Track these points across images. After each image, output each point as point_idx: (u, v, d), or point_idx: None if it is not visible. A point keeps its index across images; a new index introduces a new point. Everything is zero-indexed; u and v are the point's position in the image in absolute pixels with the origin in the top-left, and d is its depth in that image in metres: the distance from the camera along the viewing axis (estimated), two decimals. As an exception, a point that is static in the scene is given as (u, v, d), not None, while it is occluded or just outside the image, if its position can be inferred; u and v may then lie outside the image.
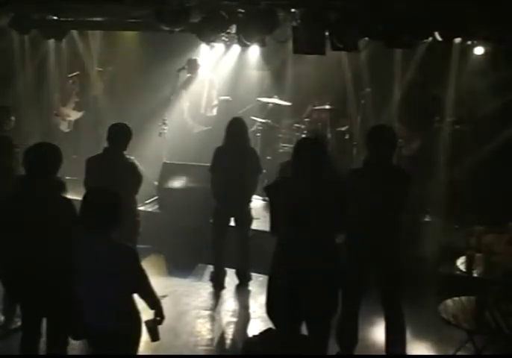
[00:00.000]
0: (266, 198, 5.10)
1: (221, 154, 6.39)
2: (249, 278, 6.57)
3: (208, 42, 7.36)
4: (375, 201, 4.55)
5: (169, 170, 7.73)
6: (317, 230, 4.19)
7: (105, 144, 5.50)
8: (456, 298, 4.75)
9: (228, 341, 5.53)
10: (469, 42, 6.96)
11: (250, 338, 3.14)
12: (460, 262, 5.12)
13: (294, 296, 4.09)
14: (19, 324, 5.17)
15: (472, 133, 7.94)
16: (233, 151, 6.31)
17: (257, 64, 9.01)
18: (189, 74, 8.44)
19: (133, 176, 5.51)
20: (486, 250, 5.09)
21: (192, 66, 8.35)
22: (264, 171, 6.82)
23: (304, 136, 7.97)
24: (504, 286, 4.68)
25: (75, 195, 4.60)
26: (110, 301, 3.60)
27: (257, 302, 5.91)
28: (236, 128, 6.34)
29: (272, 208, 4.34)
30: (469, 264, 5.00)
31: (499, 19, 5.12)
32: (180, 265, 6.94)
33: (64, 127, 9.07)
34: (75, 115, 9.11)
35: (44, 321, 4.29)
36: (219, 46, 8.49)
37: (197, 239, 6.80)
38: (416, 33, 5.47)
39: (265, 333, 3.23)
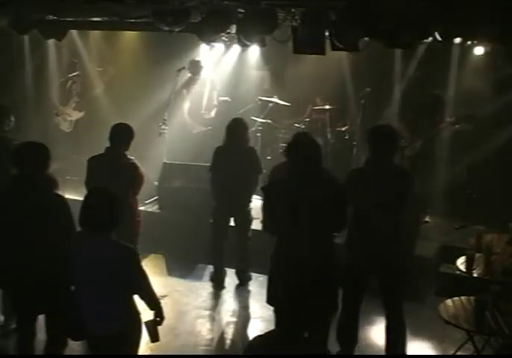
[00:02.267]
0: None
1: (221, 153, 6.39)
2: (249, 278, 6.57)
3: (208, 42, 7.35)
4: (376, 200, 4.56)
5: (169, 170, 7.73)
6: (316, 229, 4.20)
7: (107, 144, 5.51)
8: (456, 298, 4.75)
9: (228, 341, 5.54)
10: (469, 42, 6.95)
11: (252, 340, 3.14)
12: (460, 262, 5.13)
13: (293, 296, 4.08)
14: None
15: (472, 133, 7.94)
16: (233, 151, 6.31)
17: (257, 64, 9.00)
18: (189, 75, 8.43)
19: (135, 176, 5.52)
20: (486, 250, 5.09)
21: (195, 67, 8.34)
22: (264, 171, 6.82)
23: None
24: (504, 286, 4.68)
25: (75, 195, 4.61)
26: (110, 302, 3.60)
27: (257, 302, 5.92)
28: (236, 128, 6.34)
29: (270, 208, 4.33)
30: (469, 264, 5.00)
31: (499, 19, 5.11)
32: (180, 265, 6.94)
33: (65, 127, 9.07)
34: (75, 115, 9.11)
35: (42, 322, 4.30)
36: (219, 46, 8.48)
37: (197, 239, 6.80)
38: (416, 33, 5.46)
39: (267, 335, 3.24)
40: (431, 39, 5.76)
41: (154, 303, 3.77)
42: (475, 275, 4.96)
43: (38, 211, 4.03)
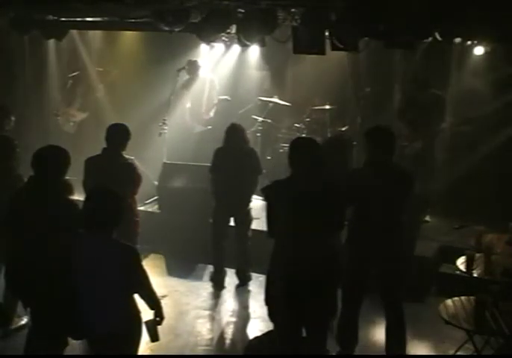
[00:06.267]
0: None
1: (221, 154, 6.40)
2: (249, 278, 6.57)
3: (208, 42, 7.36)
4: (376, 201, 4.55)
5: (169, 170, 7.73)
6: (315, 230, 4.19)
7: (105, 144, 5.51)
8: (456, 298, 4.75)
9: (228, 341, 5.54)
10: (469, 42, 6.96)
11: (251, 340, 3.15)
12: (460, 262, 5.12)
13: (292, 297, 4.08)
14: (20, 323, 5.21)
15: (472, 133, 7.94)
16: (232, 152, 6.32)
17: (257, 64, 9.01)
18: (188, 75, 8.43)
19: (133, 176, 5.51)
20: (486, 250, 5.09)
21: (193, 67, 8.35)
22: (264, 171, 6.82)
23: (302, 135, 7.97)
24: (504, 286, 4.68)
25: (74, 195, 4.62)
26: (111, 301, 3.60)
27: (257, 302, 5.91)
28: (234, 133, 6.35)
29: (270, 209, 4.33)
30: (469, 264, 5.00)
31: (499, 19, 5.12)
32: (180, 265, 6.94)
33: (68, 128, 9.05)
34: (79, 115, 9.10)
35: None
36: (219, 46, 8.49)
37: (197, 239, 6.80)
38: (416, 33, 5.47)
39: (266, 335, 3.24)
40: (431, 39, 5.76)
41: (154, 302, 3.78)
42: (475, 275, 4.96)
43: (52, 214, 4.03)
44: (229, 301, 6.28)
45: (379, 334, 5.01)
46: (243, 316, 5.95)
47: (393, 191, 4.59)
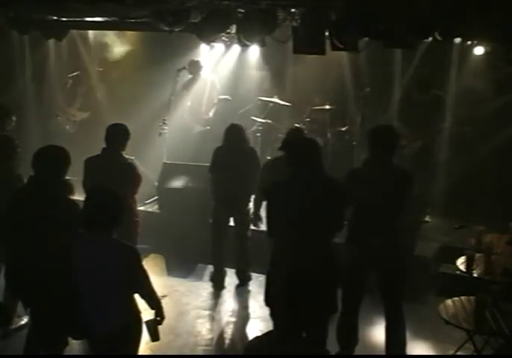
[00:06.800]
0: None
1: (220, 154, 6.39)
2: (249, 278, 6.57)
3: (208, 42, 7.36)
4: (376, 200, 4.56)
5: (169, 170, 7.73)
6: (315, 231, 4.19)
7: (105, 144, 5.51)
8: (456, 298, 4.76)
9: (228, 341, 5.54)
10: (469, 42, 6.96)
11: (251, 340, 3.14)
12: (460, 262, 5.12)
13: (292, 297, 4.08)
14: (20, 323, 5.21)
15: (472, 133, 7.95)
16: (232, 152, 6.31)
17: (257, 64, 9.01)
18: (190, 75, 8.44)
19: (133, 176, 5.51)
20: (486, 250, 5.09)
21: (195, 67, 8.35)
22: (264, 171, 6.81)
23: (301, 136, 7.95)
24: (504, 286, 4.68)
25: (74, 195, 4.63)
26: (111, 301, 3.60)
27: (257, 302, 5.92)
28: (233, 134, 6.34)
29: (270, 210, 4.33)
30: (469, 264, 5.00)
31: (499, 19, 5.12)
32: (180, 265, 6.94)
33: (70, 128, 9.05)
34: (80, 115, 9.10)
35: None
36: (219, 46, 8.49)
37: (197, 239, 6.80)
38: (416, 33, 5.47)
39: (266, 335, 3.24)
40: (431, 39, 5.76)
41: (154, 302, 3.78)
42: (475, 275, 4.95)
43: (53, 214, 4.04)
44: (229, 301, 6.28)
45: (379, 334, 5.01)
46: (243, 316, 5.95)
47: (393, 191, 4.59)
